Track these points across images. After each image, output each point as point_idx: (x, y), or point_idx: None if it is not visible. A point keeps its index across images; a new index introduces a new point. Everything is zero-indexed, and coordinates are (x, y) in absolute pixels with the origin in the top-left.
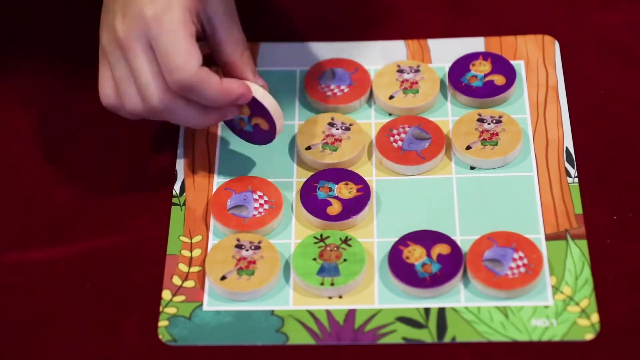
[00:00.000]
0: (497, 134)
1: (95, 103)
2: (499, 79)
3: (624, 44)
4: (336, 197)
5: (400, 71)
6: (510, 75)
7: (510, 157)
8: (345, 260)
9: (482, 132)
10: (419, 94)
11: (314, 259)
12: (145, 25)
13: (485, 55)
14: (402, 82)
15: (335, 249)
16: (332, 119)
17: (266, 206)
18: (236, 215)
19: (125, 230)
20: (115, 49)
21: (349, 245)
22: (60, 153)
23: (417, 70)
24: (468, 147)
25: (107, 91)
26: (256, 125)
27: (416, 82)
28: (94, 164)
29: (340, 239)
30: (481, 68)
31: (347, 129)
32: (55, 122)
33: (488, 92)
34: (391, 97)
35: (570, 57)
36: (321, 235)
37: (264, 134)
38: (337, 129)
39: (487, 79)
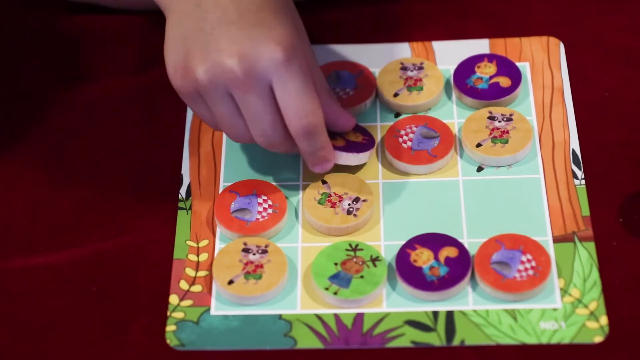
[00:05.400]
0: (507, 132)
1: (99, 105)
2: (504, 81)
3: (628, 46)
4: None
5: (404, 69)
6: (515, 77)
7: (521, 155)
8: (362, 277)
9: (492, 129)
10: (424, 91)
11: (335, 264)
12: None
13: (490, 57)
14: (406, 79)
15: (361, 263)
16: None
17: (270, 210)
18: (239, 218)
19: (132, 235)
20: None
21: (375, 266)
22: (65, 156)
23: (420, 68)
24: (478, 145)
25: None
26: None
27: (420, 80)
28: (100, 168)
29: (371, 256)
30: (486, 70)
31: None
32: (60, 124)
33: (494, 94)
34: (395, 95)
35: (575, 58)
36: (356, 246)
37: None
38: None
39: (493, 80)
